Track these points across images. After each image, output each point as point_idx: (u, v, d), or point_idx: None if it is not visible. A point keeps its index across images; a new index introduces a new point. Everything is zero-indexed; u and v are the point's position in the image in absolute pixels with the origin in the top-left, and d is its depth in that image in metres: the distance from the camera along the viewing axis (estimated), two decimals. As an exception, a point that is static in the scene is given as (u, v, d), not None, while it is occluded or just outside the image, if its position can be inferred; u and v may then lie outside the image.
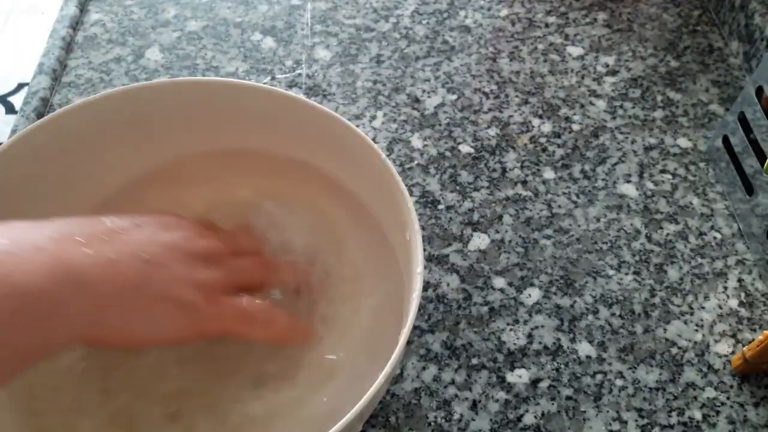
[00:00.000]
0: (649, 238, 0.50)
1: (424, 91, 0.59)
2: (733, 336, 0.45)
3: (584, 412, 0.42)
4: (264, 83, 0.59)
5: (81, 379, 0.38)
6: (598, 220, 0.51)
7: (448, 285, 0.47)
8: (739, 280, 0.48)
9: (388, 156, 0.54)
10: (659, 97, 0.59)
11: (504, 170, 0.54)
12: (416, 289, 0.33)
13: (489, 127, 0.57)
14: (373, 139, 0.55)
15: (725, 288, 0.48)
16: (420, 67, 0.61)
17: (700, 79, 0.61)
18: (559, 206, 0.52)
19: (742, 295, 0.47)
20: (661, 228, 0.51)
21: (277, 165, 0.45)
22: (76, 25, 0.63)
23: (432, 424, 0.41)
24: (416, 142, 0.55)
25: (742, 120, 0.50)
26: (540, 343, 0.45)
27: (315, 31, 0.63)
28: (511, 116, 0.57)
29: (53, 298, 0.29)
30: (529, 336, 0.45)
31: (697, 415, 0.42)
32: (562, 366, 0.44)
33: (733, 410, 0.42)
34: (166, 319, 0.33)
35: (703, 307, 0.47)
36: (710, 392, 0.43)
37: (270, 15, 0.65)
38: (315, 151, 0.44)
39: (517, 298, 0.47)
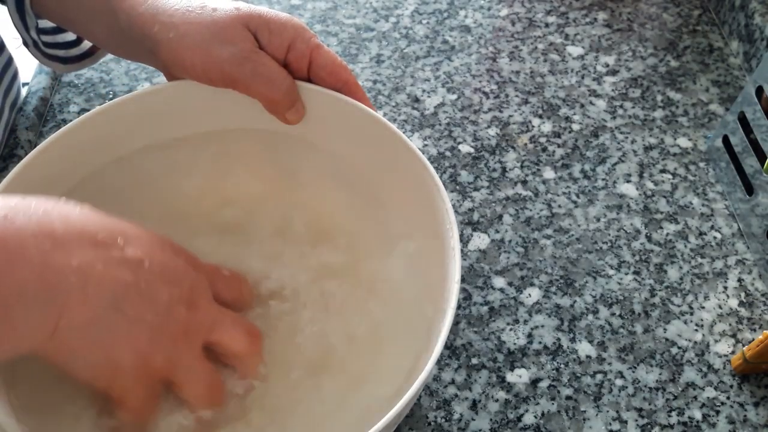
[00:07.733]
0: (649, 238, 0.50)
1: (424, 90, 0.59)
2: (733, 336, 0.45)
3: (584, 411, 0.42)
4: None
5: None
6: (598, 219, 0.51)
7: (448, 285, 0.47)
8: (739, 280, 0.48)
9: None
10: (659, 97, 0.59)
11: (504, 170, 0.54)
12: (452, 300, 0.32)
13: (489, 126, 0.57)
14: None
15: (725, 288, 0.48)
16: (420, 66, 0.61)
17: (700, 79, 0.61)
18: (559, 206, 0.52)
19: (742, 295, 0.47)
20: (661, 228, 0.51)
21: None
22: (76, 24, 0.63)
23: (432, 423, 0.41)
24: (416, 141, 0.55)
25: (742, 120, 0.50)
26: (540, 342, 0.45)
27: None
28: (511, 116, 0.57)
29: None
30: (529, 336, 0.45)
31: (697, 415, 0.42)
32: (562, 366, 0.44)
33: (733, 410, 0.42)
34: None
35: (703, 307, 0.47)
36: (710, 392, 0.43)
37: (270, 15, 0.65)
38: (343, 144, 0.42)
39: (517, 298, 0.47)
